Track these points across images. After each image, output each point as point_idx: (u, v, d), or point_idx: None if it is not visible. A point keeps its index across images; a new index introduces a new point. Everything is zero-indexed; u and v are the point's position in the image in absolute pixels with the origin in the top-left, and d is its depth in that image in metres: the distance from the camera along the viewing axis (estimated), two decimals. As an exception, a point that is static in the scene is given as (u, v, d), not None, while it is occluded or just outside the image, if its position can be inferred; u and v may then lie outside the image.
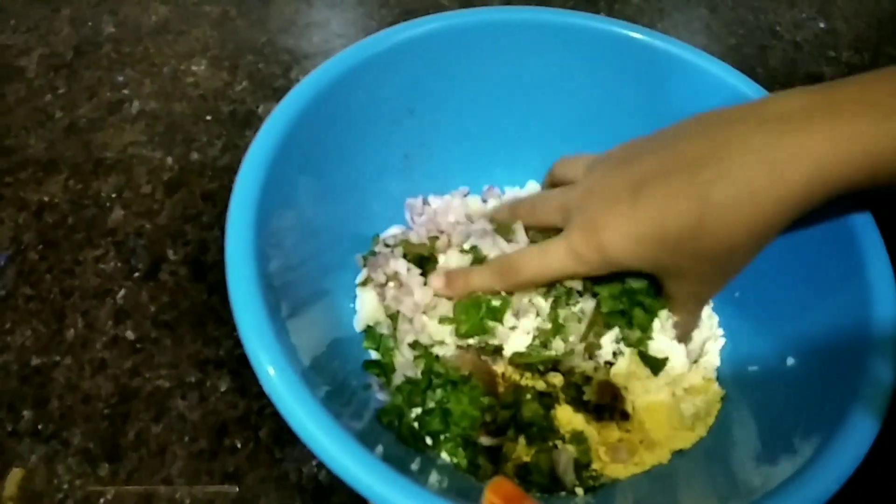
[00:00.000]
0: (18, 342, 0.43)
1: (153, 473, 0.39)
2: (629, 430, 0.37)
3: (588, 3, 0.68)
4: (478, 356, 0.39)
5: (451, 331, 0.38)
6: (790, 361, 0.35)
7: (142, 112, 0.56)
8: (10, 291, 0.45)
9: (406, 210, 0.45)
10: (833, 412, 0.29)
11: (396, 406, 0.36)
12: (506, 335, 0.38)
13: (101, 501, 0.38)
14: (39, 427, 0.40)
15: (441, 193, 0.46)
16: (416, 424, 0.36)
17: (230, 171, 0.52)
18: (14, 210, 0.50)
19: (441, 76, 0.42)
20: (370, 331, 0.40)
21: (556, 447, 0.36)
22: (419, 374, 0.37)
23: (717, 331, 0.40)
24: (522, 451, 0.36)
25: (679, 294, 0.35)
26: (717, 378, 0.39)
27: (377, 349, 0.39)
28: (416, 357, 0.38)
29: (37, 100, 0.57)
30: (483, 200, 0.47)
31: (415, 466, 0.33)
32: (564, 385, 0.38)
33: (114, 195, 0.51)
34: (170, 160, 0.53)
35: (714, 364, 0.39)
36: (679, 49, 0.41)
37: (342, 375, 0.36)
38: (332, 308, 0.40)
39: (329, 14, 0.66)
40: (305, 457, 0.39)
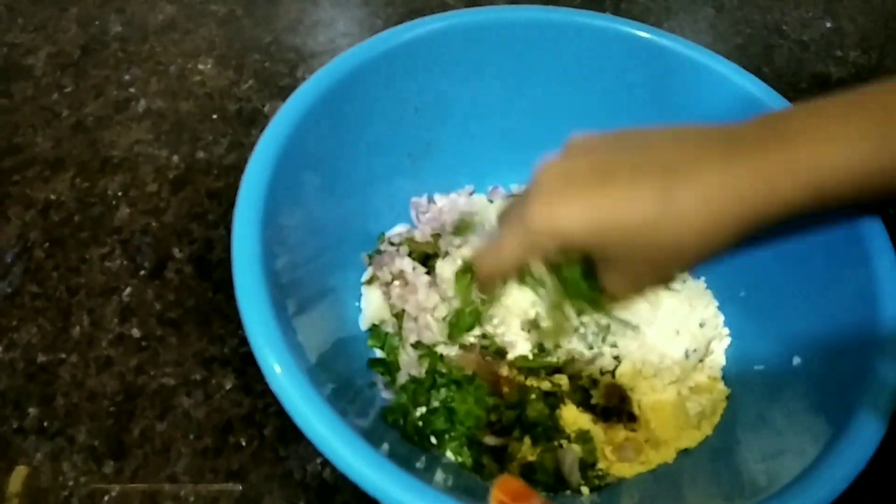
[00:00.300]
0: (24, 339, 0.43)
1: (158, 471, 0.39)
2: (635, 430, 0.37)
3: (594, 3, 0.68)
4: (482, 357, 0.39)
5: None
6: (796, 361, 0.34)
7: (148, 111, 0.56)
8: (17, 289, 0.46)
9: (411, 209, 0.45)
10: (839, 412, 0.28)
11: (401, 405, 0.36)
12: (508, 339, 0.38)
13: (106, 499, 0.38)
14: (45, 424, 0.40)
15: (446, 192, 0.46)
16: (421, 423, 0.36)
17: (236, 170, 0.52)
18: (21, 208, 0.50)
19: (446, 75, 0.42)
20: (375, 329, 0.40)
21: (562, 446, 0.36)
22: (423, 374, 0.37)
23: (723, 330, 0.40)
24: (527, 451, 0.36)
25: (615, 286, 0.34)
26: (723, 377, 0.39)
27: (382, 347, 0.39)
28: (421, 356, 0.38)
29: (44, 98, 0.57)
30: (489, 200, 0.47)
31: (420, 465, 0.33)
32: (570, 388, 0.38)
33: (120, 193, 0.51)
34: (176, 158, 0.53)
35: (720, 363, 0.39)
36: (686, 48, 0.41)
37: (347, 374, 0.36)
38: (338, 306, 0.40)
39: (335, 13, 0.66)
40: (310, 455, 0.39)
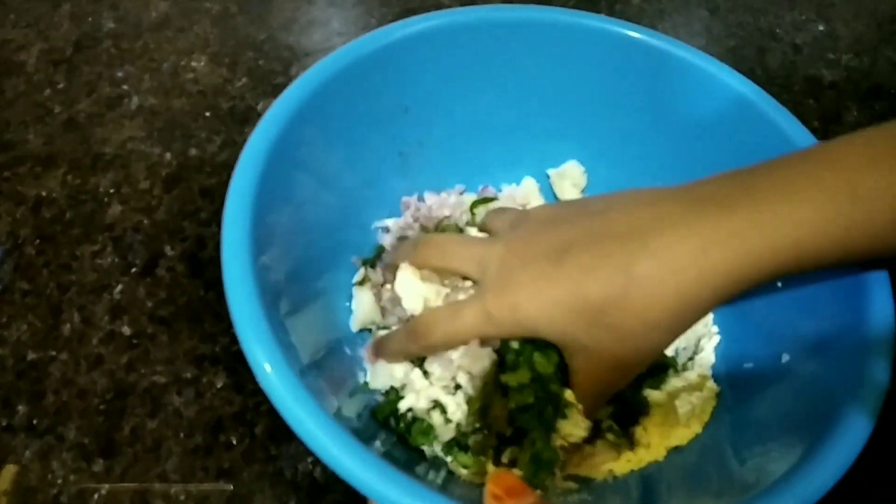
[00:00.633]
0: (15, 337, 0.43)
1: (148, 469, 0.39)
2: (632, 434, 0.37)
3: (588, 4, 0.68)
4: None
5: None
6: (785, 358, 0.35)
7: (141, 108, 0.56)
8: (7, 286, 0.45)
9: (402, 207, 0.45)
10: (827, 411, 0.29)
11: (391, 402, 0.36)
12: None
13: (96, 497, 0.38)
14: (34, 422, 0.40)
15: (437, 191, 0.46)
16: (411, 421, 0.36)
17: (229, 168, 0.52)
18: (12, 204, 0.50)
19: (437, 74, 0.42)
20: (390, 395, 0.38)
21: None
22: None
23: (713, 328, 0.40)
24: (517, 452, 0.36)
25: (585, 379, 0.32)
26: (713, 375, 0.39)
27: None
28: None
29: (36, 94, 0.57)
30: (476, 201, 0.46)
31: (411, 463, 0.33)
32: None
33: (112, 190, 0.51)
34: (168, 156, 0.53)
35: (709, 361, 0.39)
36: (679, 49, 0.41)
37: (339, 373, 0.36)
38: (328, 307, 0.39)
39: (330, 12, 0.66)
40: (301, 454, 0.39)
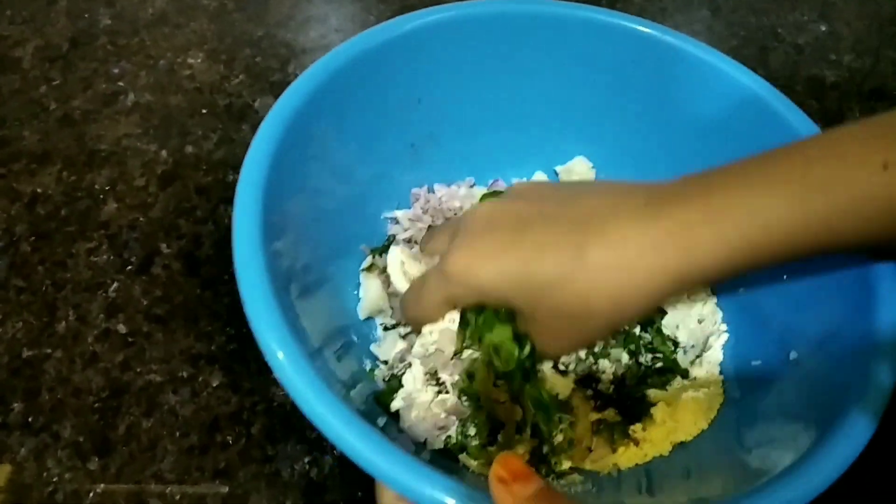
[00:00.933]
0: (9, 334, 0.43)
1: (143, 469, 0.38)
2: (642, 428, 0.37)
3: (589, 4, 0.68)
4: None
5: None
6: (793, 355, 0.35)
7: (137, 104, 0.56)
8: (2, 283, 0.45)
9: (412, 199, 0.45)
10: (832, 409, 0.28)
11: (393, 389, 0.36)
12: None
13: (91, 496, 0.37)
14: (29, 420, 0.40)
15: (447, 184, 0.46)
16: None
17: (225, 165, 0.52)
18: (7, 201, 0.49)
19: (449, 67, 0.42)
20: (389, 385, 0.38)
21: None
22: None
23: (721, 326, 0.40)
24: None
25: (539, 341, 0.33)
26: (720, 372, 0.39)
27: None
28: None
29: (31, 91, 0.56)
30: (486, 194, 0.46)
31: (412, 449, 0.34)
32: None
33: (107, 188, 0.50)
34: (164, 153, 0.53)
35: (717, 358, 0.39)
36: (689, 45, 0.41)
37: (346, 359, 0.36)
38: (337, 294, 0.40)
39: (328, 9, 0.66)
40: (297, 454, 0.39)
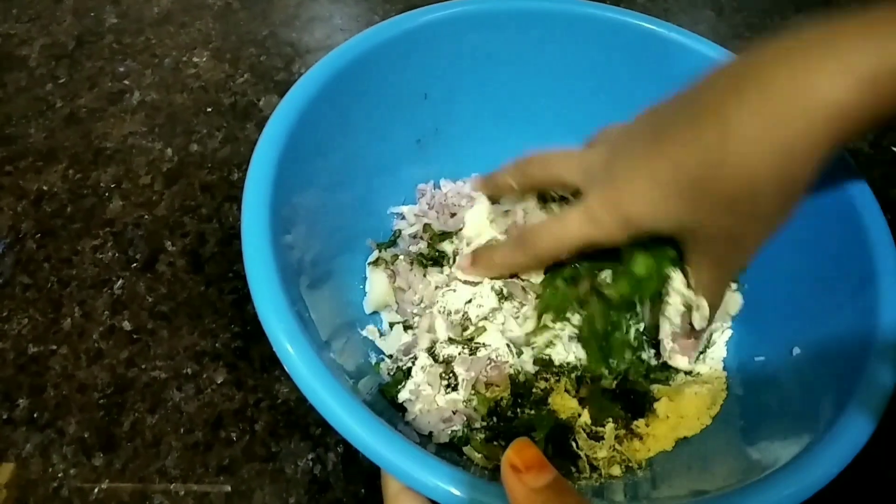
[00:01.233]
0: (15, 330, 0.43)
1: (148, 465, 0.38)
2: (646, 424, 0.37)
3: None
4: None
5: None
6: (796, 352, 0.35)
7: (142, 103, 0.56)
8: (8, 280, 0.45)
9: (417, 194, 0.45)
10: (833, 407, 0.29)
11: (398, 381, 0.36)
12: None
13: (96, 492, 0.38)
14: (35, 415, 0.40)
15: (453, 179, 0.46)
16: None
17: (230, 163, 0.52)
18: (13, 199, 0.49)
19: (455, 63, 0.42)
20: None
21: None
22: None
23: (725, 322, 0.40)
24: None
25: (702, 264, 0.32)
26: (724, 368, 0.39)
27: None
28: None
29: (38, 89, 0.57)
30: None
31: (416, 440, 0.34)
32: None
33: (113, 185, 0.51)
34: (169, 151, 0.53)
35: (721, 355, 0.40)
36: (694, 42, 0.41)
37: (352, 352, 0.36)
38: (343, 288, 0.40)
39: (332, 8, 0.66)
40: (301, 451, 0.39)
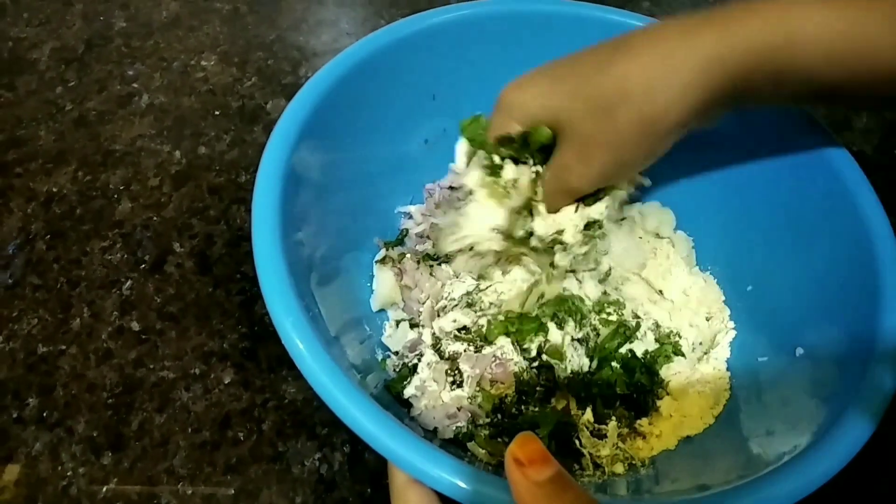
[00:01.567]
0: (25, 330, 0.43)
1: (156, 464, 0.39)
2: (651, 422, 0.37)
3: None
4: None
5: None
6: (799, 352, 0.35)
7: (151, 106, 0.57)
8: (18, 280, 0.46)
9: (425, 194, 0.46)
10: (833, 407, 0.29)
11: (403, 377, 0.36)
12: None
13: (104, 491, 0.38)
14: (44, 415, 0.40)
15: None
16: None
17: (237, 166, 0.53)
18: (23, 200, 0.50)
19: (463, 64, 0.43)
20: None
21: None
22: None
23: (728, 323, 0.41)
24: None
25: (564, 159, 0.35)
26: (727, 368, 0.40)
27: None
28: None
29: (47, 92, 0.57)
30: None
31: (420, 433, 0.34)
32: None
33: (121, 187, 0.51)
34: (178, 154, 0.53)
35: (724, 355, 0.40)
36: None
37: (359, 349, 0.37)
38: (351, 286, 0.40)
39: (339, 13, 0.66)
40: (308, 451, 0.40)
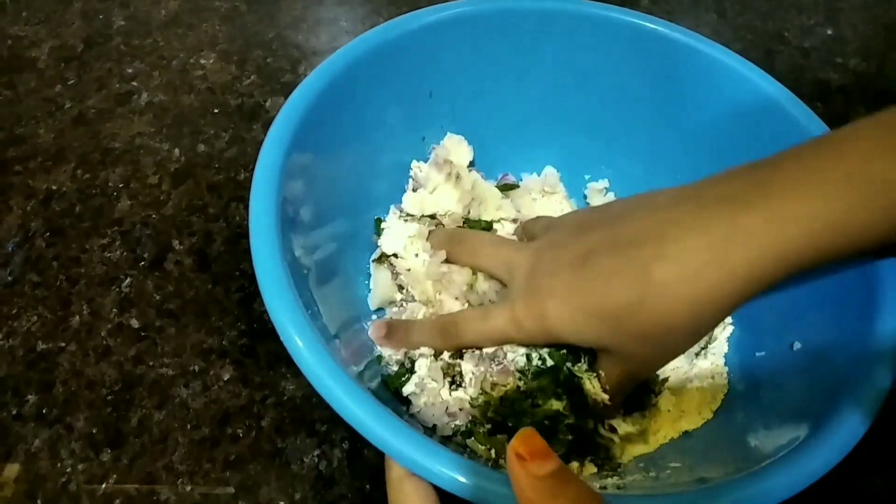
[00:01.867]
0: (24, 327, 0.44)
1: (155, 460, 0.39)
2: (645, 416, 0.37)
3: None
4: None
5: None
6: (797, 346, 0.35)
7: (150, 104, 0.57)
8: (17, 278, 0.46)
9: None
10: (829, 403, 0.29)
11: (401, 374, 0.36)
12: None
13: (104, 487, 0.38)
14: (44, 411, 0.40)
15: None
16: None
17: (236, 164, 0.53)
18: (22, 198, 0.50)
19: (460, 62, 0.43)
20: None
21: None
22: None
23: (726, 319, 0.41)
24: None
25: (611, 376, 0.33)
26: (725, 363, 0.40)
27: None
28: None
29: (47, 90, 0.57)
30: (497, 187, 0.47)
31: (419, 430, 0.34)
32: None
33: (121, 185, 0.51)
34: (177, 152, 0.53)
35: (722, 350, 0.40)
36: (699, 43, 0.41)
37: (357, 346, 0.37)
38: (349, 284, 0.40)
39: (338, 11, 0.66)
40: (307, 447, 0.40)
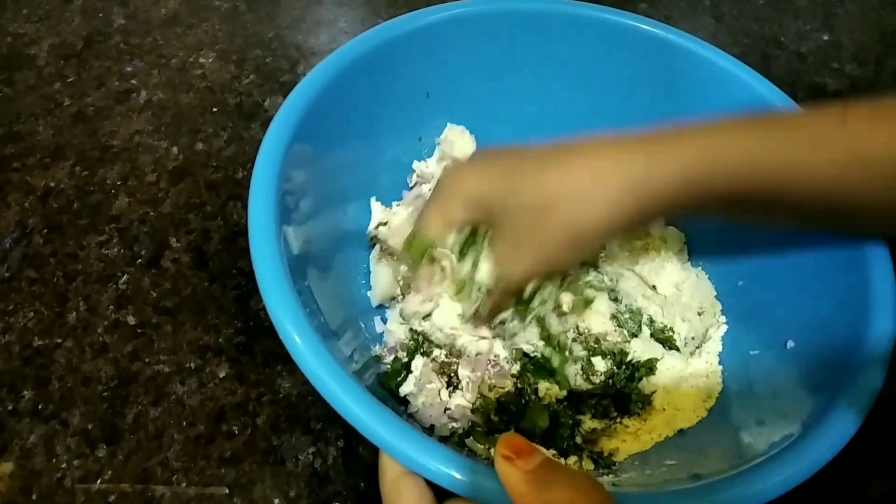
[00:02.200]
0: (21, 323, 0.44)
1: (150, 457, 0.39)
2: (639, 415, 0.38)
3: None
4: None
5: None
6: (790, 345, 0.36)
7: (149, 102, 0.57)
8: (15, 274, 0.46)
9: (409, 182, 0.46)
10: (821, 402, 0.29)
11: (396, 371, 0.37)
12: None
13: (98, 483, 0.38)
14: (39, 407, 0.40)
15: None
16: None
17: (235, 162, 0.53)
18: (20, 195, 0.50)
19: (458, 63, 0.43)
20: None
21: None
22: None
23: (720, 318, 0.42)
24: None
25: (501, 255, 0.36)
26: (720, 362, 0.40)
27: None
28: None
29: (46, 87, 0.57)
30: None
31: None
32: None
33: (119, 183, 0.51)
34: (175, 150, 0.54)
35: (717, 349, 0.40)
36: (694, 45, 0.42)
37: (354, 344, 0.37)
38: (346, 282, 0.41)
39: (337, 12, 0.67)
40: (302, 445, 0.40)
